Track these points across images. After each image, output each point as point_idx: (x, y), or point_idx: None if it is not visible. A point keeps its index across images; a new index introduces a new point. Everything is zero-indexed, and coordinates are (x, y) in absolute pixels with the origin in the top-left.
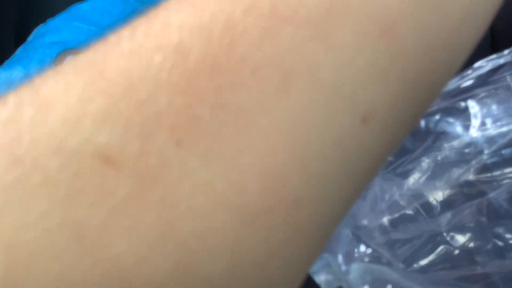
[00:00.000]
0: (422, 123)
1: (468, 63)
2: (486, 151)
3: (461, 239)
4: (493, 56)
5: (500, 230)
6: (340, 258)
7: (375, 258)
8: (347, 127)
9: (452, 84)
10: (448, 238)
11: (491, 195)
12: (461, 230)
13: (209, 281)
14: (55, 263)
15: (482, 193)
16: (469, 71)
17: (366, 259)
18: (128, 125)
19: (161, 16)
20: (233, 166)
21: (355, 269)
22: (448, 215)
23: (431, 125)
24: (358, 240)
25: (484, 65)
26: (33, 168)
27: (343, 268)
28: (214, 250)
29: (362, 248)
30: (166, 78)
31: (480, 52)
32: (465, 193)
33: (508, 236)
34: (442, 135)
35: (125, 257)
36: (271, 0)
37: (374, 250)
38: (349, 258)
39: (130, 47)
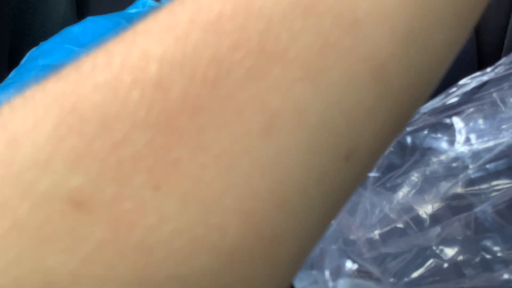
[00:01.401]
0: (409, 139)
1: (453, 81)
2: (472, 166)
3: (450, 252)
4: (477, 73)
5: (487, 243)
6: (327, 274)
7: (363, 274)
8: (330, 164)
9: (437, 101)
10: (437, 252)
11: (479, 208)
12: (450, 243)
13: None
14: None
15: (470, 207)
16: (454, 88)
17: (354, 275)
18: (103, 167)
19: (140, 44)
20: (213, 210)
21: (342, 285)
22: (437, 229)
23: (418, 141)
24: (346, 256)
25: (469, 82)
26: (1, 212)
27: (330, 284)
28: None
29: (349, 264)
30: (143, 117)
31: (466, 69)
32: (453, 206)
33: (495, 249)
34: (429, 151)
35: None
36: (260, 36)
37: (361, 266)
38: (336, 274)
39: (106, 79)
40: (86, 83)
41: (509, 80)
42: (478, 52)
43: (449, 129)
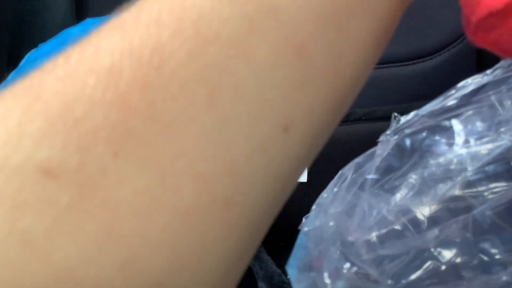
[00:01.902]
0: (408, 141)
1: (453, 81)
2: (470, 168)
3: (448, 254)
4: (476, 76)
5: (485, 245)
6: (326, 276)
7: (362, 276)
8: (270, 134)
9: (436, 104)
10: (435, 254)
11: (477, 210)
12: (448, 245)
13: (151, 274)
14: (7, 270)
15: (468, 209)
16: (453, 91)
17: (352, 277)
18: (66, 141)
19: (93, 43)
20: (168, 172)
21: (341, 287)
22: (435, 231)
23: (417, 143)
24: (344, 258)
25: (467, 84)
26: None
27: (329, 286)
28: (154, 246)
29: (348, 266)
30: (100, 97)
31: (465, 69)
32: (451, 208)
33: (493, 251)
34: (427, 153)
35: (72, 258)
36: (195, 24)
37: (360, 268)
38: (335, 275)
39: (65, 72)
40: (49, 77)
41: (507, 83)
42: (477, 52)
43: (447, 132)
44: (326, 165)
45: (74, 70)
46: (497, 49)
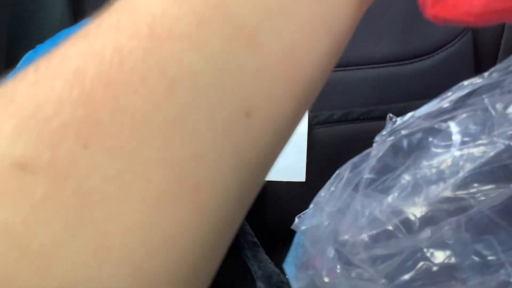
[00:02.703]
0: (403, 142)
1: (450, 82)
2: (465, 169)
3: (440, 255)
4: (473, 79)
5: (478, 246)
6: (324, 274)
7: (358, 274)
8: (233, 119)
9: (432, 106)
10: (428, 255)
11: (470, 212)
12: (441, 246)
13: (126, 257)
14: None
15: (461, 210)
16: (449, 93)
17: (350, 275)
18: (39, 137)
19: (60, 51)
20: (136, 159)
21: (339, 285)
22: (428, 232)
23: (411, 144)
24: (339, 257)
25: (463, 87)
26: None
27: (327, 284)
28: (128, 231)
29: (343, 265)
30: (67, 96)
31: (463, 68)
32: (445, 209)
33: (486, 252)
34: (421, 154)
35: (48, 245)
36: (149, 25)
37: (357, 266)
38: (333, 274)
39: (35, 78)
40: (21, 83)
41: (500, 87)
42: (475, 51)
43: (442, 134)
44: (324, 165)
45: (43, 75)
46: (456, 15)
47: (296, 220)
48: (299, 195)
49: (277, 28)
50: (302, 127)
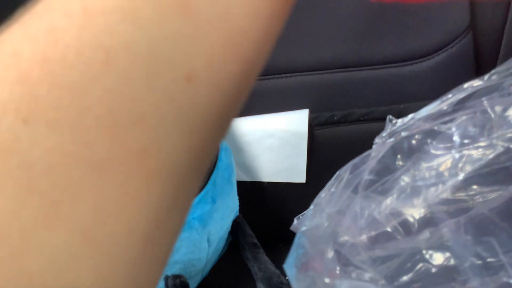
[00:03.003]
0: (403, 144)
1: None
2: (464, 171)
3: (439, 257)
4: (472, 81)
5: (478, 248)
6: (324, 275)
7: (358, 275)
8: (173, 85)
9: (432, 108)
10: (427, 256)
11: (469, 213)
12: (440, 248)
13: (76, 223)
14: None
15: (460, 212)
16: (449, 95)
17: (350, 276)
18: None
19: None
20: (78, 129)
21: (339, 285)
22: (426, 233)
23: (411, 146)
24: (341, 257)
25: (463, 89)
26: None
27: (328, 285)
28: (75, 198)
29: (345, 265)
30: (5, 77)
31: (464, 71)
32: (444, 211)
33: (485, 254)
34: (421, 156)
35: None
36: (81, 3)
37: (356, 267)
38: (333, 275)
39: None
40: None
41: (499, 89)
42: (475, 52)
43: (441, 136)
44: (325, 166)
45: None
46: None
47: (295, 221)
48: (299, 196)
49: None
50: (303, 128)
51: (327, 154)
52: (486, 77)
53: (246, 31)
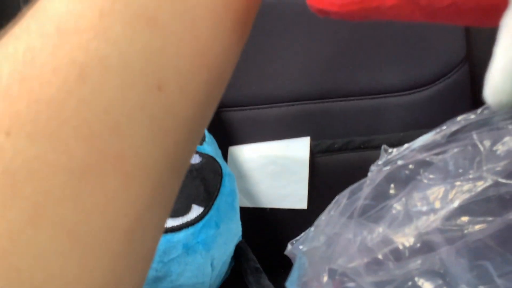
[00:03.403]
0: (399, 173)
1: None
2: (454, 202)
3: (431, 284)
4: (466, 114)
5: (468, 276)
6: None
7: None
8: (145, 95)
9: (427, 138)
10: (419, 283)
11: (458, 243)
12: (432, 275)
13: (60, 223)
14: None
15: (451, 241)
16: (444, 127)
17: None
18: None
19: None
20: (56, 139)
21: None
22: (418, 261)
23: (407, 176)
24: (336, 282)
25: (457, 122)
26: None
27: None
28: (57, 200)
29: None
30: None
31: (461, 101)
32: (435, 239)
33: (479, 281)
34: (413, 185)
35: None
36: (55, 24)
37: None
38: None
39: None
40: None
41: (489, 124)
42: (472, 82)
43: (434, 166)
44: (325, 192)
45: None
46: (322, 5)
47: (289, 246)
48: (301, 222)
49: (176, 9)
50: (304, 155)
51: (328, 180)
52: (479, 111)
53: (211, 42)
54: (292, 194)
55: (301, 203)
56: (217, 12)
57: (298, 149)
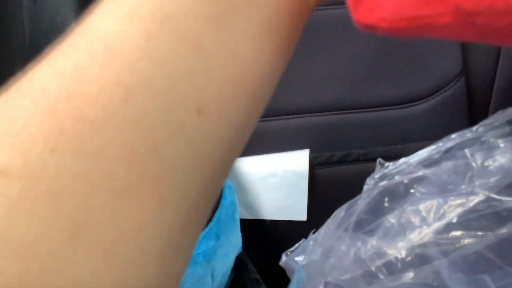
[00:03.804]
0: (394, 187)
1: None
2: (447, 217)
3: None
4: (462, 131)
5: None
6: None
7: None
8: (186, 118)
9: (423, 153)
10: None
11: (453, 256)
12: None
13: (98, 243)
14: None
15: (443, 254)
16: (440, 143)
17: None
18: (11, 147)
19: (26, 76)
20: (99, 158)
21: None
22: (410, 274)
23: (402, 190)
24: None
25: (452, 138)
26: None
27: None
28: (98, 221)
29: None
30: (34, 111)
31: (457, 114)
32: (427, 254)
33: None
34: (409, 199)
35: (28, 235)
36: (103, 43)
37: None
38: None
39: (5, 98)
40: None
41: (481, 141)
42: (468, 95)
43: (428, 181)
44: (325, 204)
45: (12, 96)
46: (372, 21)
47: (283, 257)
48: (300, 234)
49: (220, 35)
50: (303, 168)
51: (327, 192)
52: (474, 128)
53: (253, 67)
54: (292, 206)
55: (301, 215)
56: (261, 38)
57: (298, 161)
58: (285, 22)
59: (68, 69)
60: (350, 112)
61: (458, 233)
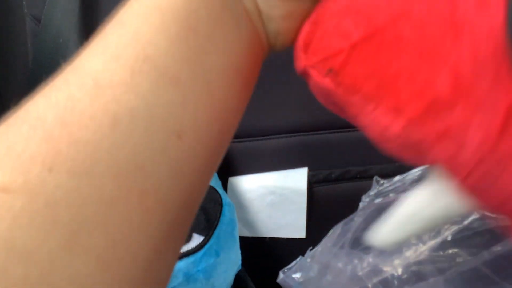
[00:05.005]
0: (385, 204)
1: None
2: (442, 234)
3: None
4: None
5: None
6: None
7: None
8: (167, 141)
9: (417, 171)
10: None
11: (447, 273)
12: None
13: (91, 249)
14: None
15: (438, 271)
16: None
17: None
18: (13, 168)
19: (24, 108)
20: (91, 175)
21: None
22: None
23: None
24: None
25: None
26: None
27: None
28: (90, 227)
29: None
30: (33, 135)
31: None
32: (422, 271)
33: None
34: None
35: (29, 243)
36: (93, 78)
37: None
38: None
39: (7, 125)
40: None
41: None
42: None
43: None
44: (324, 222)
45: (12, 124)
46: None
47: (281, 275)
48: (299, 251)
49: (194, 72)
50: (302, 186)
51: (326, 210)
52: None
53: (223, 99)
54: (291, 224)
55: (300, 232)
56: (229, 75)
57: (296, 179)
58: (247, 63)
59: (62, 100)
60: (348, 130)
61: (453, 250)
